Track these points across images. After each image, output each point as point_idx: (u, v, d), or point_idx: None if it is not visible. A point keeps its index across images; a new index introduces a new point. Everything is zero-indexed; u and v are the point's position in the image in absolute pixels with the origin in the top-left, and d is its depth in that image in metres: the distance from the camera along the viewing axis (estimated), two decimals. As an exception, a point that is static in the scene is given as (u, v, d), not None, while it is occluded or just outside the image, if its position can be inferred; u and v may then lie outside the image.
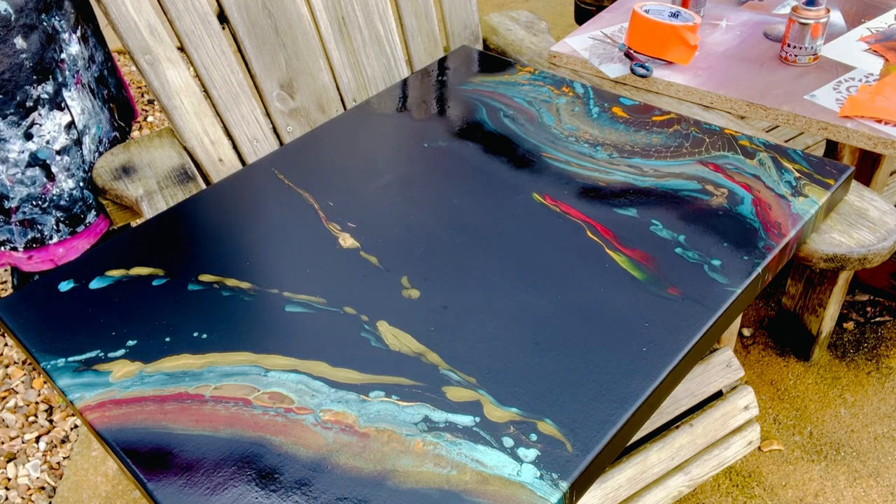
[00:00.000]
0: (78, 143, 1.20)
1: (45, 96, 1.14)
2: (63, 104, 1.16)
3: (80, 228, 1.25)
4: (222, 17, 1.26)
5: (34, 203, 1.20)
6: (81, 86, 1.20)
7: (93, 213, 1.27)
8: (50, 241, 1.24)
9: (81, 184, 1.23)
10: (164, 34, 1.21)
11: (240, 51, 1.30)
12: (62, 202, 1.21)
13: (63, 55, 1.16)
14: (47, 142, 1.16)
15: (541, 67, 1.46)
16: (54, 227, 1.23)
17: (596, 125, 1.18)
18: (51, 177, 1.18)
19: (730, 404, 1.15)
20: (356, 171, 1.11)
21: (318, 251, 0.97)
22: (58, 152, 1.17)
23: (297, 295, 0.91)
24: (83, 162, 1.22)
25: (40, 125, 1.15)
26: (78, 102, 1.19)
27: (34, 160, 1.16)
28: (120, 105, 1.35)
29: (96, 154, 1.26)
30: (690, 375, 1.15)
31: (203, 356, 0.85)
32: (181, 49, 1.26)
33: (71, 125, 1.18)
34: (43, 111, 1.15)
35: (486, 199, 1.04)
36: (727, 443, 1.15)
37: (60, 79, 1.16)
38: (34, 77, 1.12)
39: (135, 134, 2.55)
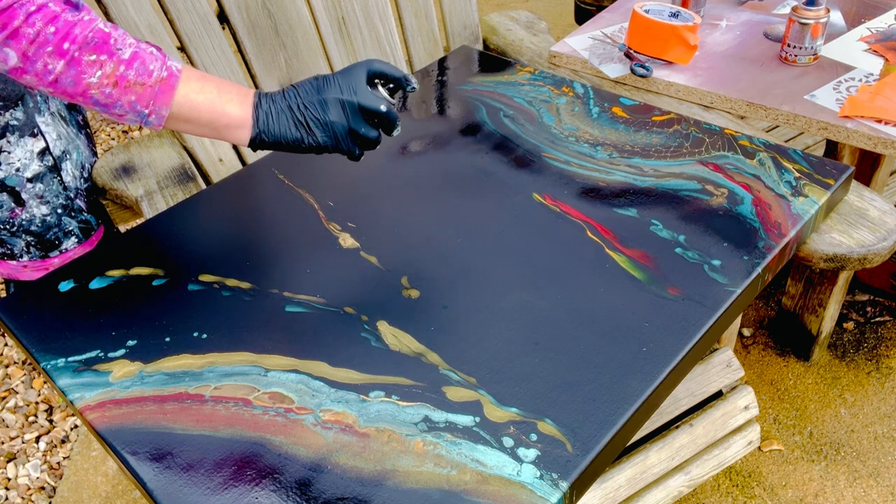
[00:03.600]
0: (54, 169, 1.18)
1: (15, 123, 1.12)
2: (37, 130, 1.14)
3: (54, 254, 1.23)
4: (222, 17, 1.26)
5: (1, 226, 1.18)
6: (52, 113, 1.19)
7: (73, 239, 1.24)
8: (20, 260, 1.23)
9: (59, 210, 1.20)
10: (165, 34, 1.21)
11: (240, 51, 1.30)
12: (33, 227, 1.19)
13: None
14: (17, 169, 1.14)
15: (541, 67, 1.46)
16: (24, 248, 1.21)
17: (596, 125, 1.18)
18: (20, 202, 1.16)
19: (730, 404, 1.15)
20: (356, 171, 1.11)
21: (318, 251, 0.97)
22: (29, 179, 1.15)
23: (297, 295, 0.91)
24: (64, 189, 1.20)
25: (9, 153, 1.13)
26: (53, 128, 1.17)
27: (1, 186, 1.15)
28: (90, 131, 1.34)
29: (81, 180, 1.24)
30: (690, 375, 1.15)
31: (203, 356, 0.85)
32: (181, 49, 1.26)
33: (45, 151, 1.16)
34: (12, 138, 1.13)
35: (486, 199, 1.04)
36: (727, 443, 1.15)
37: (32, 105, 1.15)
38: (0, 104, 1.10)
39: (135, 134, 2.55)
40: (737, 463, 1.46)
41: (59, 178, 1.19)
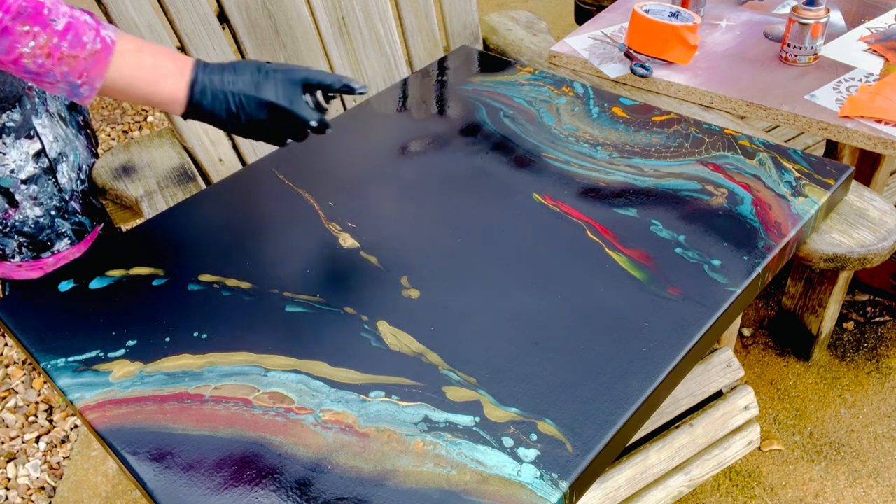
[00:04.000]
0: (49, 171, 1.17)
1: (12, 124, 1.12)
2: (33, 132, 1.14)
3: (46, 255, 1.23)
4: (222, 17, 1.26)
5: None
6: (50, 115, 1.19)
7: (65, 241, 1.24)
8: (12, 260, 1.23)
9: (53, 212, 1.20)
10: (165, 34, 1.21)
11: (240, 51, 1.30)
12: (25, 228, 1.19)
13: (30, 83, 1.15)
14: (11, 171, 1.14)
15: (541, 67, 1.46)
16: (16, 249, 1.21)
17: (596, 125, 1.18)
18: (13, 203, 1.16)
19: (730, 404, 1.15)
20: (356, 171, 1.11)
21: (318, 251, 0.97)
22: (23, 181, 1.15)
23: (297, 295, 0.91)
24: (59, 191, 1.20)
25: (3, 154, 1.12)
26: (50, 130, 1.17)
27: None
28: (92, 131, 1.34)
29: (77, 182, 1.23)
30: (690, 375, 1.15)
31: (203, 356, 0.85)
32: (181, 49, 1.26)
33: (41, 153, 1.15)
34: (8, 140, 1.13)
35: (486, 199, 1.04)
36: (727, 443, 1.15)
37: (29, 106, 1.14)
38: None
39: (135, 134, 2.55)
40: (737, 463, 1.46)
41: (54, 179, 1.19)
